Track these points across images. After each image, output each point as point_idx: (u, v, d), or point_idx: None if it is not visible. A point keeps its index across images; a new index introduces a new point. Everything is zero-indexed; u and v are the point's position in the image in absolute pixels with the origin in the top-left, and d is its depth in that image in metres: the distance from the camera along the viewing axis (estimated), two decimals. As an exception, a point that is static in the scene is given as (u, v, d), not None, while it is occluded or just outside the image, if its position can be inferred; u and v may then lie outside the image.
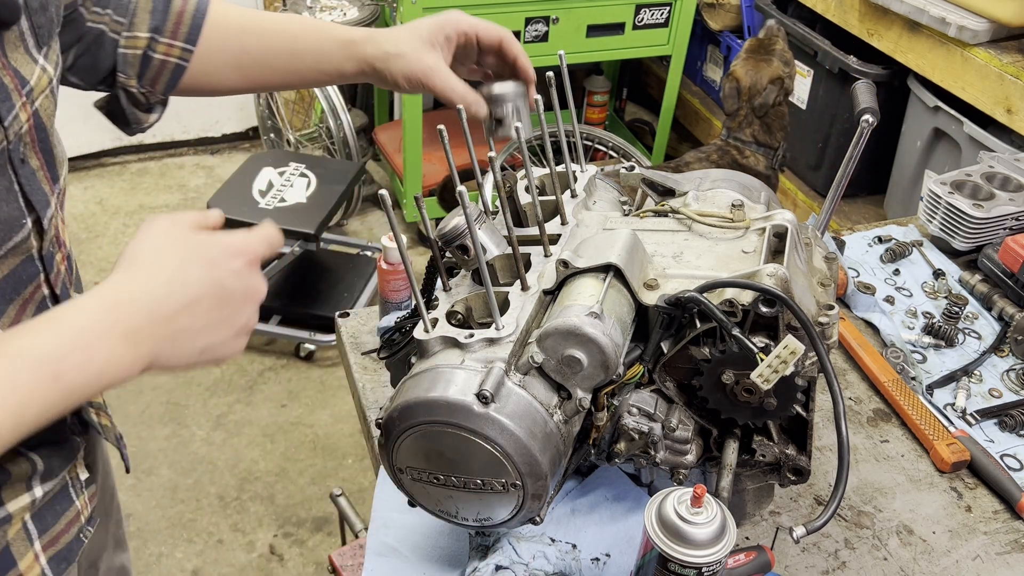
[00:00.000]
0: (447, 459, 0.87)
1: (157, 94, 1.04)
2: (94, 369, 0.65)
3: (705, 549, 0.84)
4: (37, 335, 0.64)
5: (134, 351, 0.67)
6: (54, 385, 0.63)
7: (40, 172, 0.80)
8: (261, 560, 2.37)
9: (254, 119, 3.89)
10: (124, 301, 0.67)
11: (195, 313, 0.70)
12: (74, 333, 0.64)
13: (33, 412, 0.63)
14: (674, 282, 0.93)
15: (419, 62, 1.00)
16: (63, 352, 0.63)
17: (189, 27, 1.01)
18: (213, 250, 0.72)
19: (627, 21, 3.10)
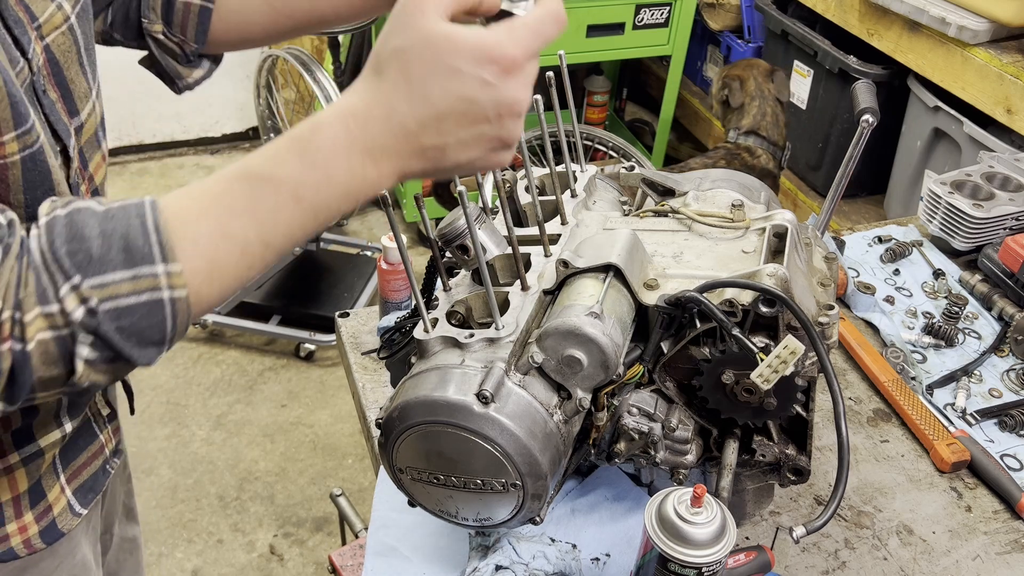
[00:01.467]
0: (447, 459, 0.87)
1: (190, 43, 1.00)
2: (337, 187, 0.65)
3: (705, 549, 0.84)
4: (276, 156, 0.65)
5: (376, 167, 0.66)
6: (297, 206, 0.64)
7: (59, 104, 0.80)
8: (261, 560, 2.37)
9: (254, 119, 3.89)
10: (362, 115, 0.65)
11: (442, 131, 0.65)
12: (312, 154, 0.64)
13: (280, 233, 0.65)
14: (674, 282, 0.93)
15: None
16: (302, 172, 0.64)
17: None
18: (461, 57, 0.64)
19: (627, 21, 3.10)
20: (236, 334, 3.01)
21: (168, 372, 2.88)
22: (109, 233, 0.60)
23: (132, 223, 0.61)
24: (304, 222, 0.66)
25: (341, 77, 3.68)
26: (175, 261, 0.61)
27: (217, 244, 0.63)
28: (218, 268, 0.64)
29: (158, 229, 0.61)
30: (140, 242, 0.61)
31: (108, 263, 0.60)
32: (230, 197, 0.65)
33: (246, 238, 0.64)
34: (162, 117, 3.87)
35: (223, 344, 3.00)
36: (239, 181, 0.65)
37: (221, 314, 2.93)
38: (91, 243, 0.60)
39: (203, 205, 0.64)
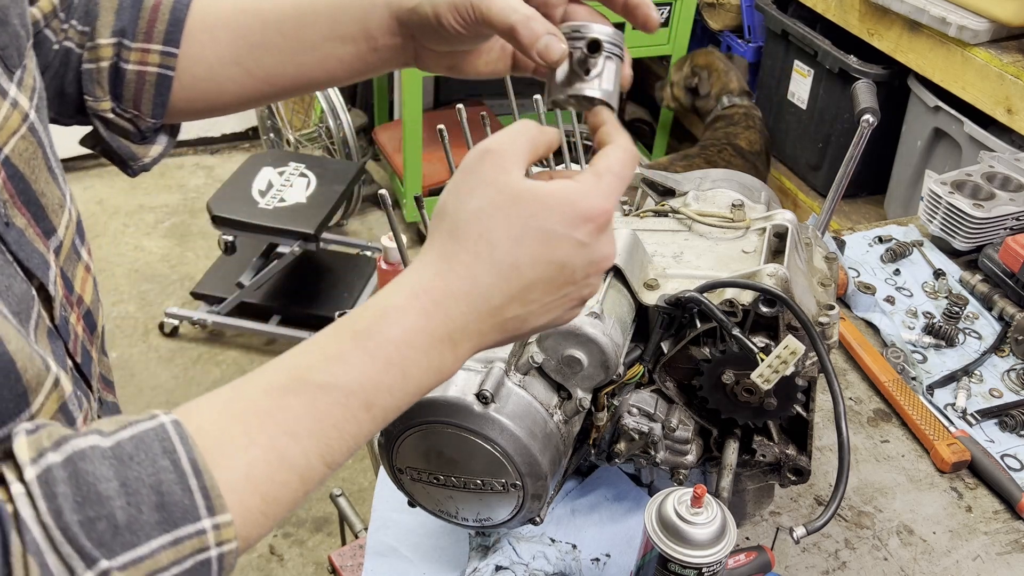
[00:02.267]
0: (447, 459, 0.87)
1: (146, 117, 0.81)
2: (411, 385, 0.57)
3: (705, 549, 0.84)
4: (340, 357, 0.55)
5: (454, 352, 0.57)
6: (367, 414, 0.55)
7: (29, 230, 0.63)
8: (261, 560, 2.37)
9: (254, 119, 3.89)
10: (440, 294, 0.56)
11: (527, 300, 0.58)
12: (387, 351, 0.55)
13: (346, 447, 0.55)
14: (674, 282, 0.93)
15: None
16: (376, 376, 0.55)
17: (168, 24, 0.79)
18: (553, 218, 0.57)
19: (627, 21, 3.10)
20: (236, 334, 3.00)
21: (168, 372, 2.87)
22: (134, 486, 0.46)
23: (161, 465, 0.47)
24: (372, 429, 0.56)
25: (341, 77, 3.66)
26: (224, 511, 0.48)
27: (273, 476, 0.51)
28: (273, 503, 0.52)
29: (198, 471, 0.48)
30: (178, 493, 0.47)
31: (140, 530, 0.46)
32: (285, 415, 0.52)
33: (307, 462, 0.53)
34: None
35: (223, 344, 3.00)
36: (295, 393, 0.53)
37: (221, 314, 2.93)
38: (113, 504, 0.46)
39: (250, 427, 0.52)
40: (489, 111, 3.54)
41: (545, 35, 0.66)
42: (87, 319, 0.74)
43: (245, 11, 0.81)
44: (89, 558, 0.45)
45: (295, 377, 0.54)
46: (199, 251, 3.41)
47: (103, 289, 3.21)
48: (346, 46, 0.80)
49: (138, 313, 3.12)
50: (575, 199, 0.58)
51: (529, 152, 0.61)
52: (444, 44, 0.76)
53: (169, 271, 3.32)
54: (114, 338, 3.00)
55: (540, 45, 0.66)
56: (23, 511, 0.44)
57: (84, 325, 0.73)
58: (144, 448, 0.48)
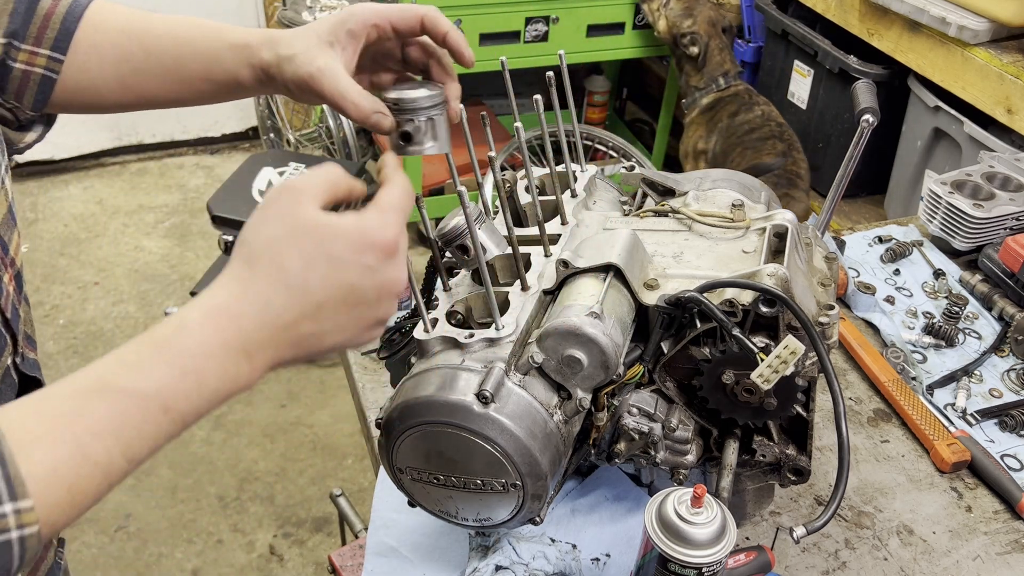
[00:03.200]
0: (447, 459, 0.87)
1: (26, 110, 0.88)
2: (207, 391, 0.61)
3: (705, 549, 0.84)
4: (139, 365, 0.59)
5: (250, 363, 0.62)
6: (165, 417, 0.59)
7: None
8: (261, 560, 2.37)
9: (254, 119, 3.89)
10: (237, 315, 0.62)
11: (319, 319, 0.64)
12: (183, 360, 0.60)
13: (146, 446, 0.59)
14: (674, 282, 0.93)
15: (309, 64, 0.83)
16: (172, 383, 0.59)
17: (58, 32, 0.86)
18: (340, 245, 0.63)
19: (627, 21, 3.10)
20: (236, 334, 3.00)
21: (168, 372, 2.87)
22: None
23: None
24: (172, 431, 0.60)
25: (341, 77, 3.66)
26: (25, 497, 0.53)
27: (78, 470, 0.56)
28: (79, 494, 0.57)
29: (2, 460, 0.53)
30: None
31: None
32: (90, 416, 0.57)
33: (109, 459, 0.57)
34: (162, 117, 3.87)
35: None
36: (99, 396, 0.58)
37: (221, 314, 2.93)
38: None
39: (57, 426, 0.56)
40: (489, 111, 3.54)
41: (373, 114, 0.83)
42: (18, 280, 0.82)
43: (131, 36, 0.90)
44: None
45: (99, 381, 0.59)
46: (199, 251, 3.41)
47: (104, 289, 3.22)
48: (217, 85, 0.91)
49: (138, 313, 3.12)
50: (362, 229, 0.64)
51: (327, 192, 0.66)
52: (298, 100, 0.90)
53: (169, 271, 3.32)
54: (114, 338, 3.00)
55: (371, 121, 0.83)
56: None
57: (15, 285, 0.81)
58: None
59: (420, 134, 0.84)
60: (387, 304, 0.67)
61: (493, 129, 1.13)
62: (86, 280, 3.28)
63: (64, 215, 3.60)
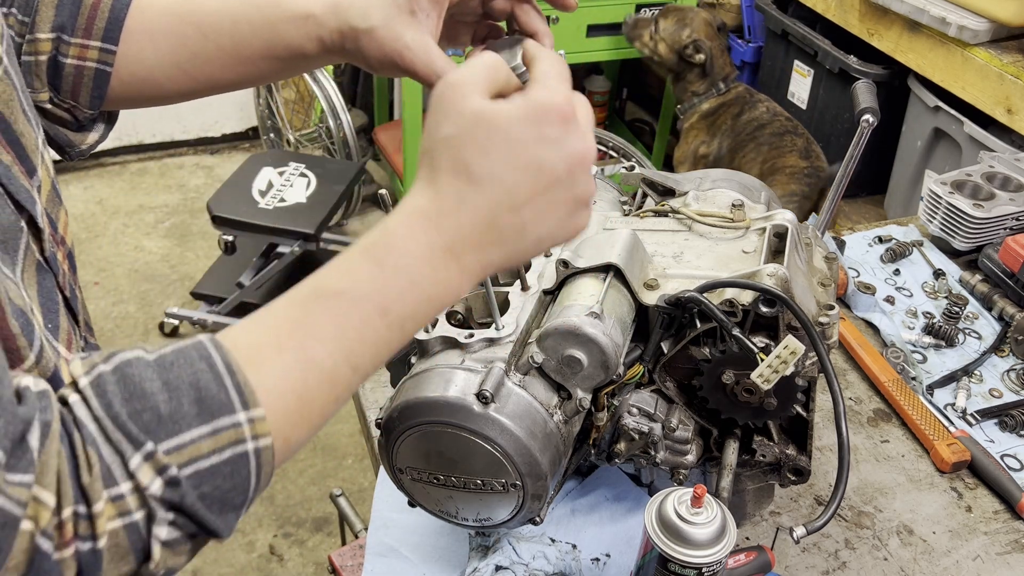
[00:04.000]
0: (447, 459, 0.87)
1: (84, 108, 0.85)
2: (421, 294, 0.61)
3: (705, 549, 0.84)
4: (351, 269, 0.61)
5: (459, 264, 0.62)
6: (383, 320, 0.60)
7: (15, 167, 0.68)
8: (261, 560, 2.37)
9: (254, 119, 3.89)
10: (434, 214, 0.61)
11: (516, 206, 0.61)
12: (393, 260, 0.60)
13: (369, 353, 0.60)
14: (674, 282, 0.93)
15: (395, 40, 0.78)
16: (385, 283, 0.60)
17: (107, 21, 0.82)
18: (516, 125, 0.61)
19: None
20: (236, 334, 3.00)
21: (168, 372, 2.87)
22: (175, 384, 0.52)
23: (198, 367, 0.53)
24: (391, 337, 0.61)
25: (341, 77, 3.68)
26: (256, 406, 0.53)
27: (305, 377, 0.57)
28: (308, 404, 0.57)
29: (231, 370, 0.53)
30: (214, 389, 0.52)
31: (182, 420, 0.51)
32: (310, 321, 0.58)
33: (334, 365, 0.58)
34: (162, 117, 3.87)
35: (223, 344, 2.99)
36: (316, 302, 0.59)
37: (221, 315, 2.93)
38: (156, 399, 0.51)
39: (280, 335, 0.57)
40: (489, 111, 3.53)
41: None
42: (70, 260, 0.78)
43: (183, 19, 0.85)
44: (136, 442, 0.50)
45: (314, 288, 0.60)
46: (199, 251, 3.41)
47: (104, 289, 3.22)
48: (280, 62, 0.86)
49: (138, 313, 3.12)
50: (531, 102, 0.61)
51: (489, 80, 0.63)
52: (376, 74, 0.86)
53: (169, 271, 3.32)
54: (114, 338, 3.00)
55: None
56: (79, 412, 0.50)
57: (69, 264, 0.77)
58: (183, 356, 0.53)
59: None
60: (582, 178, 0.63)
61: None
62: (86, 280, 3.28)
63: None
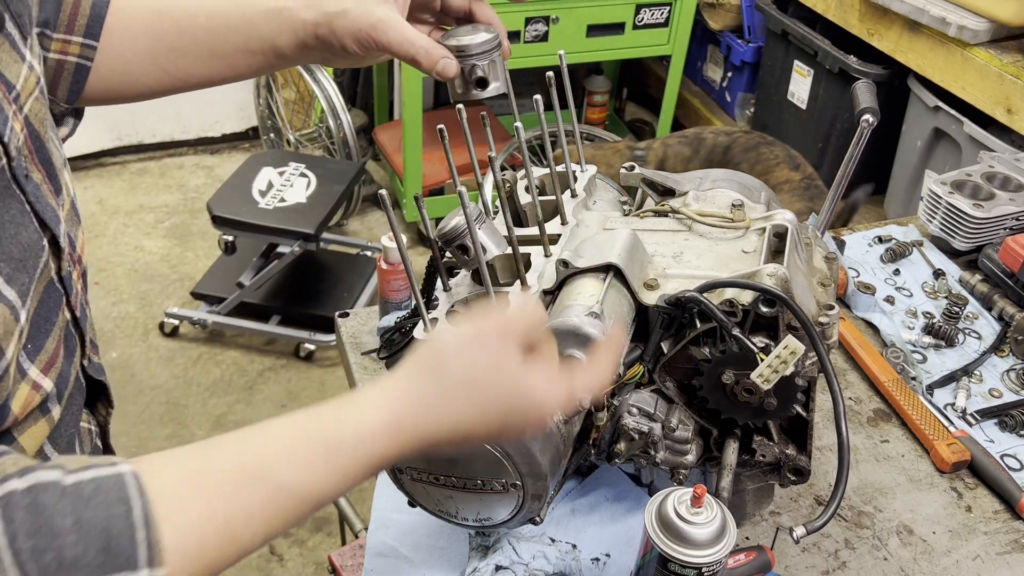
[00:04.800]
0: (447, 459, 0.87)
1: (60, 102, 0.86)
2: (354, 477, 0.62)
3: (705, 549, 0.84)
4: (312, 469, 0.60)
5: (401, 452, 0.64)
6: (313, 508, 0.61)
7: (44, 186, 0.69)
8: (261, 560, 2.37)
9: (254, 119, 3.89)
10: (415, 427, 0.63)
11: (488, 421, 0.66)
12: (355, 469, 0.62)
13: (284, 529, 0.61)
14: (674, 282, 0.93)
15: (368, 15, 0.82)
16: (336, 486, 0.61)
17: (89, 18, 0.84)
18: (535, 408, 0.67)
19: (627, 21, 3.10)
20: (236, 334, 3.00)
21: (168, 372, 2.87)
22: (86, 526, 0.49)
23: (114, 512, 0.50)
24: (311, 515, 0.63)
25: (341, 77, 3.68)
26: (162, 566, 0.51)
27: (222, 549, 0.56)
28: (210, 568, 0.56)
29: (148, 523, 0.51)
30: (124, 541, 0.50)
31: (82, 569, 0.48)
32: (245, 503, 0.57)
33: (252, 542, 0.58)
34: (162, 117, 3.87)
35: (223, 344, 3.00)
36: (260, 486, 0.58)
37: (221, 314, 2.93)
38: (64, 539, 0.48)
39: (210, 502, 0.56)
40: (489, 111, 3.54)
41: (441, 59, 0.84)
42: (83, 279, 0.79)
43: (161, 15, 0.88)
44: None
45: (261, 468, 0.58)
46: (199, 251, 3.41)
47: (104, 289, 3.22)
48: (255, 56, 0.89)
49: (138, 313, 3.12)
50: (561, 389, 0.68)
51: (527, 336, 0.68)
52: (346, 60, 0.88)
53: (169, 271, 3.32)
54: (114, 338, 3.00)
55: (438, 68, 0.84)
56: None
57: (82, 284, 0.78)
58: (102, 492, 0.51)
59: (489, 78, 0.88)
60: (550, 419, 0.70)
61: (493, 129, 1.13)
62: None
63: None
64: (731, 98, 3.45)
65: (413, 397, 0.64)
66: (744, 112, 3.42)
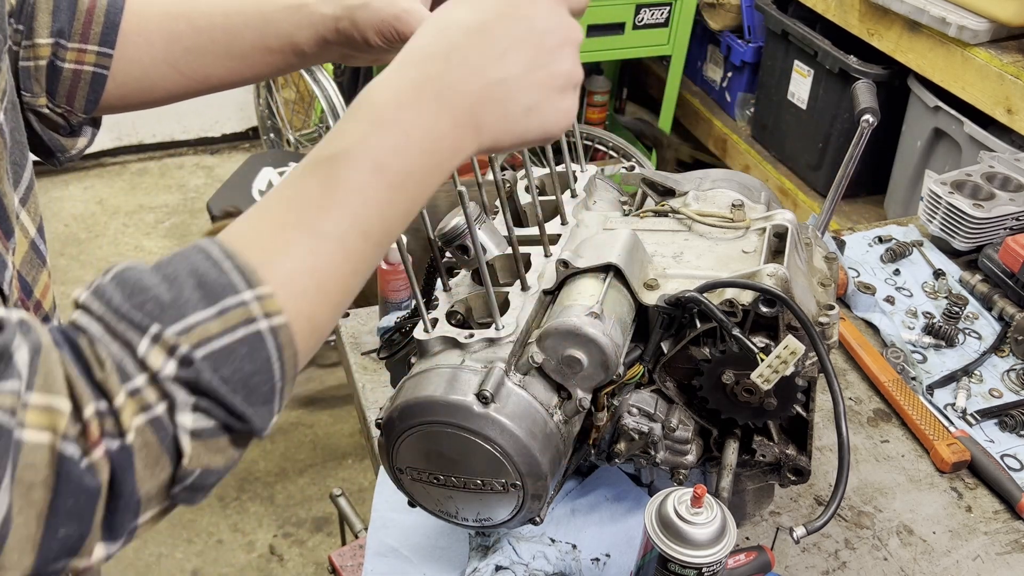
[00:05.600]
0: (447, 459, 0.87)
1: (78, 113, 0.85)
2: (415, 146, 0.57)
3: (705, 549, 0.84)
4: (339, 130, 0.57)
5: (451, 114, 0.58)
6: (381, 179, 0.56)
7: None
8: (261, 560, 2.37)
9: (254, 119, 3.89)
10: (421, 60, 0.59)
11: (506, 61, 0.60)
12: (378, 112, 0.57)
13: (376, 216, 0.56)
14: (674, 282, 0.93)
15: (391, 6, 0.79)
16: (375, 137, 0.56)
17: (104, 25, 0.82)
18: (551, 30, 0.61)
19: (627, 21, 3.10)
20: (236, 334, 3.00)
21: (168, 372, 2.87)
22: (173, 275, 0.50)
23: (196, 259, 0.51)
24: (395, 198, 0.57)
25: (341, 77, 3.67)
26: (262, 284, 0.51)
27: (314, 250, 0.54)
28: (322, 279, 0.54)
29: (230, 255, 0.51)
30: (214, 274, 0.50)
31: (185, 304, 0.49)
32: (307, 192, 0.55)
33: (343, 233, 0.55)
34: (162, 117, 3.87)
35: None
36: (309, 173, 0.56)
37: (221, 314, 2.93)
38: (157, 290, 0.49)
39: (279, 214, 0.55)
40: (489, 111, 3.53)
41: None
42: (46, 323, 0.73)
43: (177, 17, 0.86)
44: (141, 328, 0.48)
45: (306, 160, 0.57)
46: (199, 251, 3.41)
47: (103, 289, 3.21)
48: (274, 55, 0.86)
49: (138, 313, 3.12)
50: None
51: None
52: (368, 56, 0.85)
53: (169, 271, 3.31)
54: (114, 338, 3.00)
55: None
56: (81, 320, 0.49)
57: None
58: (181, 254, 0.52)
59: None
60: (570, 54, 0.63)
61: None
62: (86, 280, 3.26)
63: (64, 215, 3.60)
64: (731, 98, 3.45)
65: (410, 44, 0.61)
66: (744, 112, 3.42)
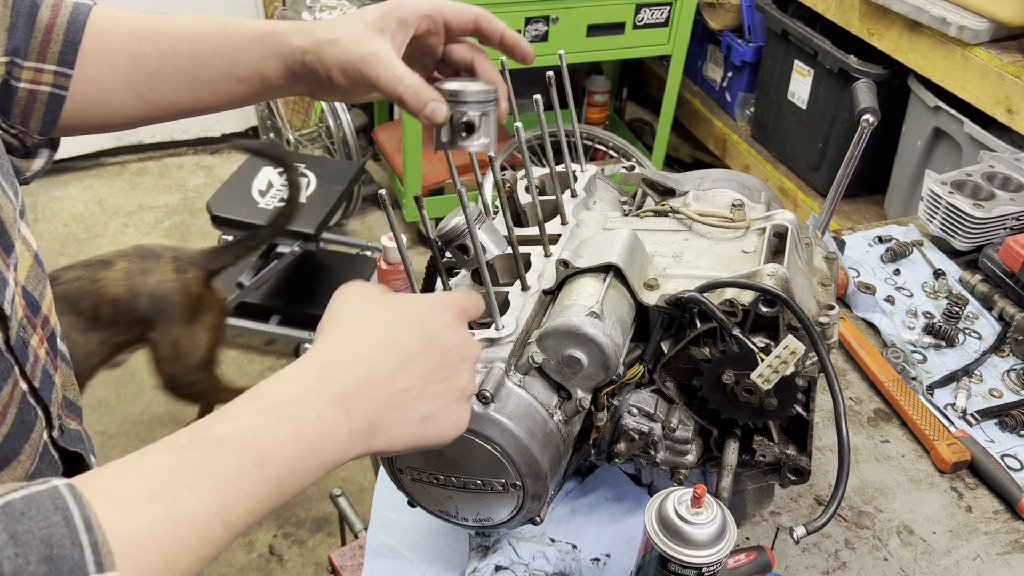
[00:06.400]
0: (447, 459, 0.87)
1: (33, 134, 0.80)
2: (305, 445, 0.57)
3: (705, 549, 0.84)
4: (234, 415, 0.56)
5: (348, 419, 0.59)
6: (262, 472, 0.55)
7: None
8: (261, 560, 2.37)
9: (254, 119, 3.89)
10: (332, 363, 0.61)
11: (411, 372, 0.63)
12: (278, 407, 0.57)
13: (243, 508, 0.54)
14: (674, 282, 0.93)
15: (359, 47, 0.77)
16: (266, 431, 0.56)
17: (63, 44, 0.78)
18: (417, 306, 0.67)
19: (627, 21, 3.10)
20: (236, 334, 3.00)
21: (168, 372, 2.87)
22: (23, 539, 0.45)
23: (52, 520, 0.46)
24: (268, 494, 0.55)
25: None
26: (113, 568, 0.47)
27: (174, 532, 0.50)
28: (173, 563, 0.51)
29: (90, 527, 0.47)
30: (67, 547, 0.46)
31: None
32: (185, 468, 0.52)
33: (207, 520, 0.52)
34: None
35: (223, 344, 2.99)
36: (193, 448, 0.54)
37: (221, 314, 2.93)
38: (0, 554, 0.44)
39: (152, 483, 0.51)
40: (489, 111, 3.54)
41: (430, 102, 0.78)
42: (51, 342, 0.73)
43: (142, 40, 0.82)
44: None
45: (194, 435, 0.55)
46: (199, 251, 3.41)
47: (103, 289, 3.21)
48: (241, 85, 0.84)
49: (138, 313, 3.12)
50: (433, 296, 0.70)
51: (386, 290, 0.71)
52: (333, 93, 0.84)
53: (169, 271, 3.31)
54: (114, 338, 3.00)
55: (427, 111, 0.79)
56: None
57: (48, 348, 0.72)
58: (36, 506, 0.47)
59: (479, 129, 0.83)
60: (467, 369, 0.69)
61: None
62: (86, 280, 3.28)
63: (64, 215, 3.60)
64: (731, 98, 3.45)
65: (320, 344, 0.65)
66: (744, 112, 3.42)
